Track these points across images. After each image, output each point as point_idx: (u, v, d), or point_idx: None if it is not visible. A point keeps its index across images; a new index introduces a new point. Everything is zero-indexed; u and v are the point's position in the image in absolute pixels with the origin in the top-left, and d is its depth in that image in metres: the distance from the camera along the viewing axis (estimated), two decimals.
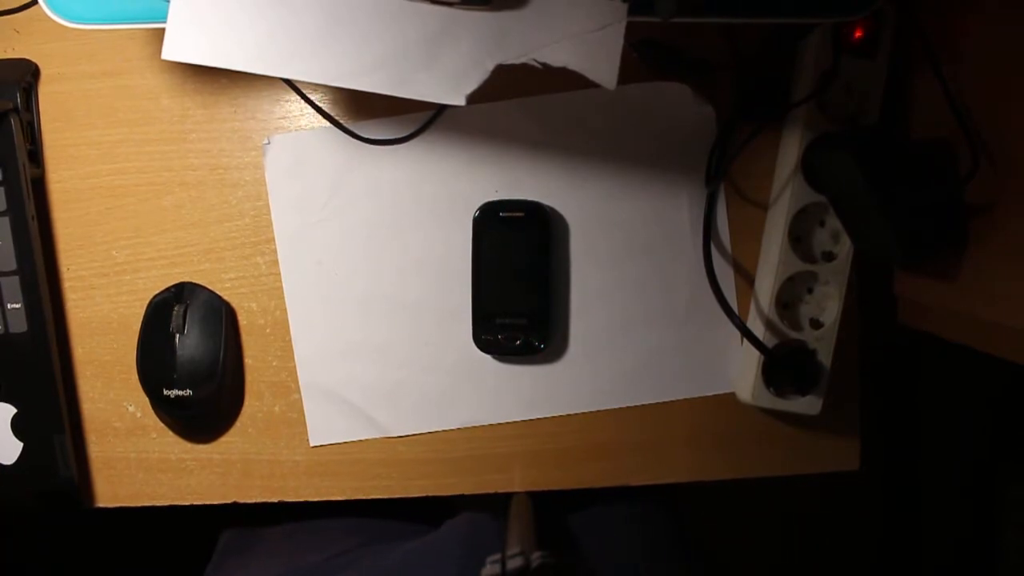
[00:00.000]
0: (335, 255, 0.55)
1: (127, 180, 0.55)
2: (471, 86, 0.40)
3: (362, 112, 0.54)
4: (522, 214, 0.53)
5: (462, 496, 0.56)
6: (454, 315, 0.55)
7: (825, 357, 0.51)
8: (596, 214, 0.54)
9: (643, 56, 0.51)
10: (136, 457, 0.56)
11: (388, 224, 0.55)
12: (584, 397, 0.55)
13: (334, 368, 0.55)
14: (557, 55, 0.40)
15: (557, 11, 0.40)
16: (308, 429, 0.56)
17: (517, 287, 0.54)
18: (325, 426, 0.56)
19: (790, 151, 0.50)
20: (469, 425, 0.55)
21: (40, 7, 0.43)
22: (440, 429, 0.55)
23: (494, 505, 0.58)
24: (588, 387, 0.55)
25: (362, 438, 0.56)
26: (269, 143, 0.54)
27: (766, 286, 0.51)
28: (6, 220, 0.52)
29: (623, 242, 0.54)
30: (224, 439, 0.56)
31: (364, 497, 0.56)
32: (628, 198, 0.54)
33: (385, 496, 0.56)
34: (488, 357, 0.55)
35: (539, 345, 0.54)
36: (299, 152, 0.54)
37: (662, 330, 0.55)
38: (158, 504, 0.56)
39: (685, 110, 0.53)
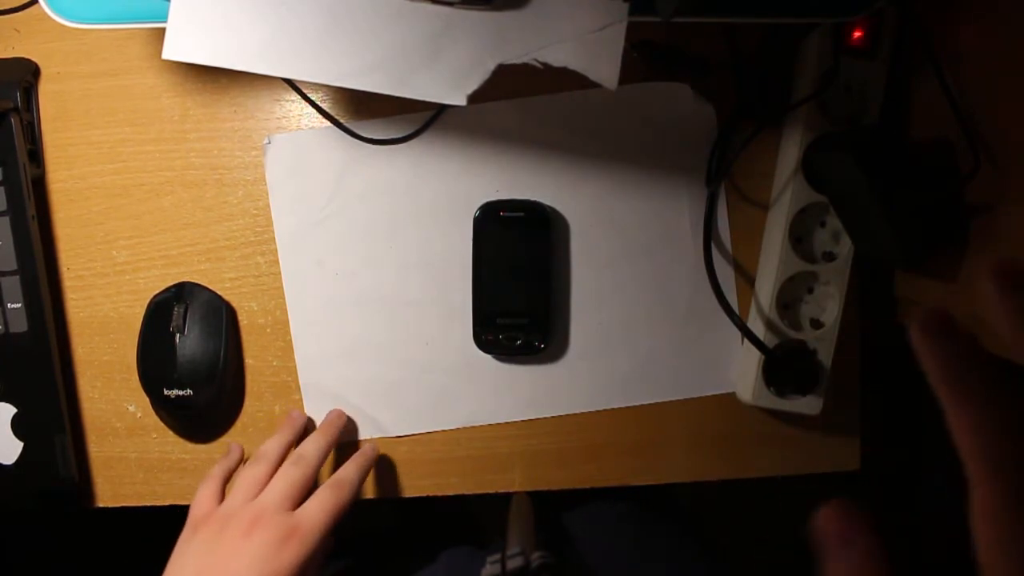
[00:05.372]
0: (335, 255, 0.55)
1: (127, 180, 0.55)
2: (472, 86, 0.40)
3: (362, 112, 0.54)
4: (522, 214, 0.53)
5: (463, 496, 0.56)
6: (454, 315, 0.54)
7: (825, 357, 0.51)
8: (597, 214, 0.54)
9: (643, 56, 0.51)
10: (136, 457, 0.56)
11: (388, 224, 0.55)
12: (584, 397, 0.55)
13: (334, 368, 0.55)
14: (558, 55, 0.40)
15: (558, 11, 0.40)
16: None
17: (517, 287, 0.54)
18: None
19: (790, 151, 0.50)
20: (469, 425, 0.55)
21: (40, 6, 0.43)
22: (440, 429, 0.55)
23: (494, 505, 0.58)
24: (588, 387, 0.55)
25: (362, 438, 0.56)
26: (269, 143, 0.54)
27: (766, 286, 0.51)
28: (6, 220, 0.52)
29: (623, 242, 0.54)
30: (224, 439, 0.56)
31: (363, 497, 0.56)
32: (628, 198, 0.54)
33: (385, 496, 0.56)
34: (488, 357, 0.55)
35: (539, 345, 0.54)
36: (299, 152, 0.54)
37: (662, 330, 0.55)
38: (159, 504, 0.56)
39: (685, 110, 0.53)
